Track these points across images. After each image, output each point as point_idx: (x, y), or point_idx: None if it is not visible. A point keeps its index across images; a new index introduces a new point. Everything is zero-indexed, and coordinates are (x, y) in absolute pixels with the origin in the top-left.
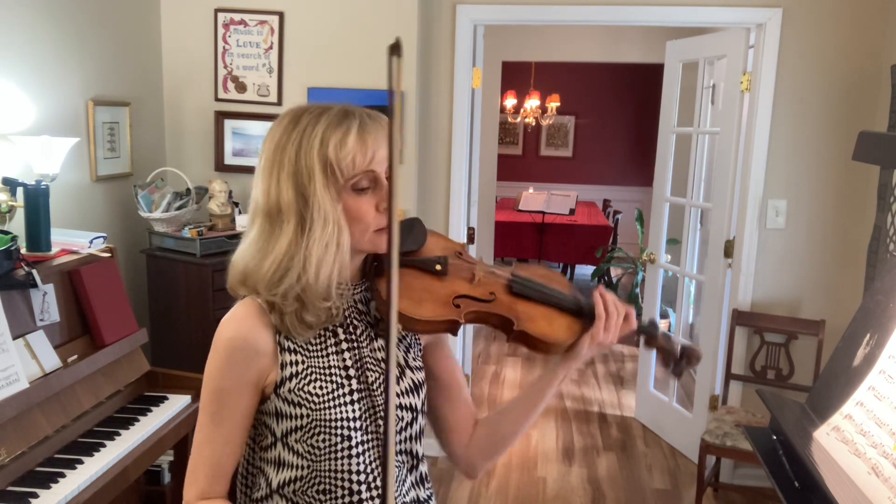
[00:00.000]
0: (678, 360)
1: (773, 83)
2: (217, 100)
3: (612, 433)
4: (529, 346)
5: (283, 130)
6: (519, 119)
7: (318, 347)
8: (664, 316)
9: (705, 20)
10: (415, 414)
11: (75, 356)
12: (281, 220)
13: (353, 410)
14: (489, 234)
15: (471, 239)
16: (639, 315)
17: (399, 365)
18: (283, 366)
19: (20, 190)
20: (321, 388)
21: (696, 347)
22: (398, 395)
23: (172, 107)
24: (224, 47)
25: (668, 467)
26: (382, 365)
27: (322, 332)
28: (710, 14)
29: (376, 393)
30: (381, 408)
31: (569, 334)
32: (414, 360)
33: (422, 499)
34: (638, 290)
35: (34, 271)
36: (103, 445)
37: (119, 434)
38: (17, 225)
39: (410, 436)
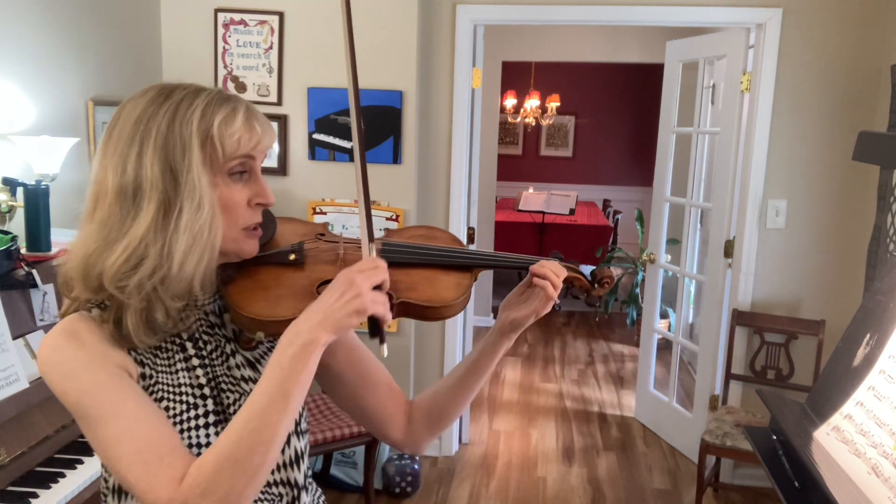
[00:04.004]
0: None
1: (773, 83)
2: None
3: (612, 433)
4: (418, 316)
5: (148, 102)
6: (519, 119)
7: (166, 362)
8: (664, 316)
9: (705, 20)
10: (286, 437)
11: None
12: (139, 201)
13: (208, 436)
14: (489, 234)
15: (471, 239)
16: (638, 315)
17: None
18: (140, 376)
19: (20, 190)
20: (169, 408)
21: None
22: None
23: None
24: (224, 47)
25: (668, 467)
26: (242, 385)
27: (168, 345)
28: (710, 14)
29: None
30: None
31: (458, 291)
32: None
33: None
34: (638, 290)
35: (34, 271)
36: None
37: None
38: (17, 225)
39: (284, 462)
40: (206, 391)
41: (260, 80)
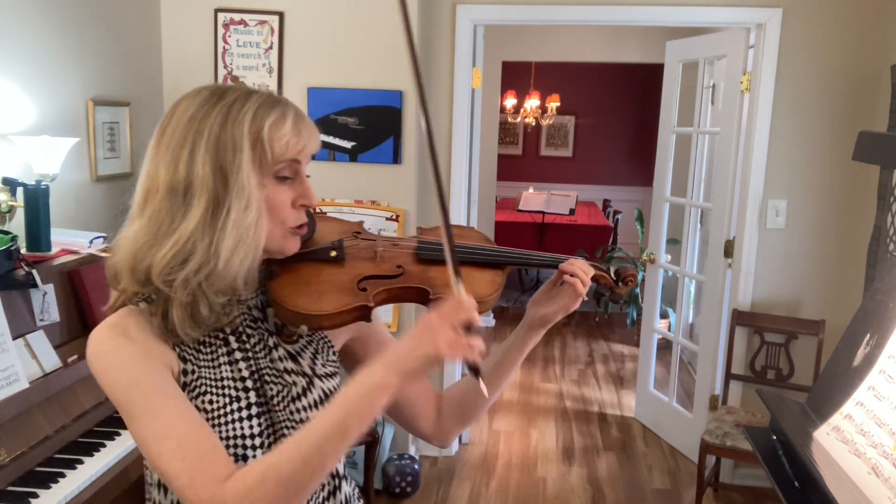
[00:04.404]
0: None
1: (773, 83)
2: None
3: (612, 433)
4: None
5: (202, 102)
6: (519, 119)
7: (209, 356)
8: (664, 316)
9: (705, 20)
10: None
11: (75, 356)
12: (190, 198)
13: (251, 427)
14: (489, 234)
15: None
16: (638, 315)
17: (305, 375)
18: (182, 372)
19: (20, 190)
20: (212, 402)
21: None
22: (305, 409)
23: None
24: (224, 47)
25: (668, 467)
26: (284, 377)
27: (212, 339)
28: (710, 14)
29: (278, 408)
30: (282, 424)
31: (493, 288)
32: (324, 366)
33: None
34: (638, 290)
35: (34, 271)
36: (103, 445)
37: (119, 434)
38: (17, 225)
39: None
40: (249, 383)
41: (260, 80)
